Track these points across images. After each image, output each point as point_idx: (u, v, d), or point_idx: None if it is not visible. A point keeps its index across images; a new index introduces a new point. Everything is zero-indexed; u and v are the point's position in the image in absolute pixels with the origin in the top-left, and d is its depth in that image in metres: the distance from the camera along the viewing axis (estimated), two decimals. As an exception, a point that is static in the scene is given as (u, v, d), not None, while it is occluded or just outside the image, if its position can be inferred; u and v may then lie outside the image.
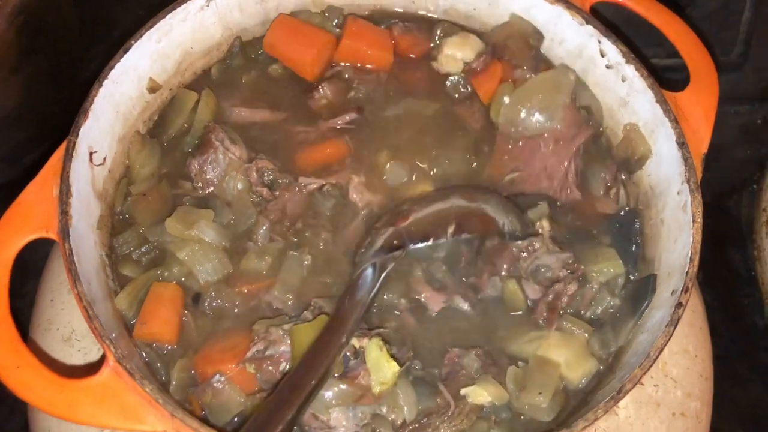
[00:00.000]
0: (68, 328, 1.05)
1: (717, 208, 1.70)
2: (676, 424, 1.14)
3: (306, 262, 0.99)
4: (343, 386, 0.89)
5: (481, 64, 1.13)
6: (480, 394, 0.92)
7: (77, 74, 1.15)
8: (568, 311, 1.01)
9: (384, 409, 0.91)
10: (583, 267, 1.01)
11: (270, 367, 0.91)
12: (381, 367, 0.89)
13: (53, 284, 1.10)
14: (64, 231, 0.89)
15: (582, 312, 1.01)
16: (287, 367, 0.92)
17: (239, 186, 1.05)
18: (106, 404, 0.81)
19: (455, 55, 1.15)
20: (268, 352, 0.92)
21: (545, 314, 0.99)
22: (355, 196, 1.06)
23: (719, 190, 1.73)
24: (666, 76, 1.29)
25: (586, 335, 0.99)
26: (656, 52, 1.39)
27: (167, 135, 1.11)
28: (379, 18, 1.22)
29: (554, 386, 0.94)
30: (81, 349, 1.03)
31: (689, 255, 0.90)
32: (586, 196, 1.08)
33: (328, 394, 0.89)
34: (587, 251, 1.02)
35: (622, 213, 1.06)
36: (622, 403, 1.12)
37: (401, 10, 1.22)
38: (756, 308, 1.55)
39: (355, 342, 0.92)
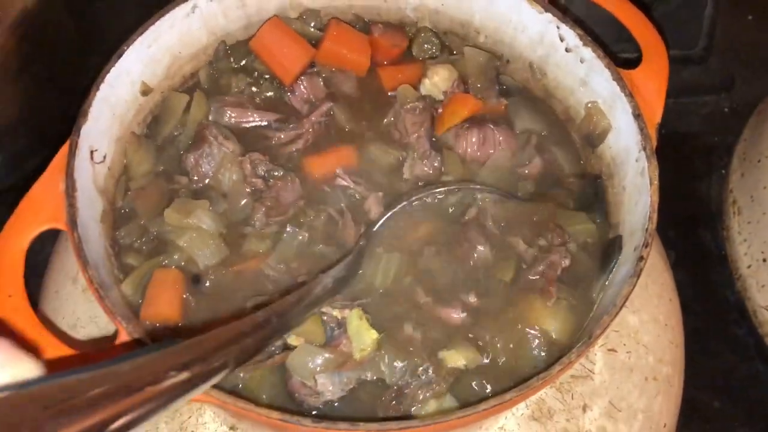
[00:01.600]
0: (73, 316, 1.12)
1: (688, 192, 1.79)
2: (648, 387, 1.21)
3: (301, 238, 1.06)
4: (327, 354, 0.96)
5: (450, 93, 1.21)
6: (456, 358, 0.98)
7: (75, 83, 1.22)
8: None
9: (368, 374, 0.97)
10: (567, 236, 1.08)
11: None
12: (361, 334, 0.96)
13: (58, 277, 1.17)
14: (72, 221, 0.96)
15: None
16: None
17: (234, 177, 1.11)
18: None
19: (439, 85, 1.22)
20: None
21: (540, 284, 1.04)
22: (371, 207, 1.11)
23: (690, 175, 1.82)
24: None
25: (572, 300, 1.05)
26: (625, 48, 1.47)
27: (162, 136, 1.18)
28: (355, 19, 1.30)
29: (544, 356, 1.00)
30: (85, 335, 1.10)
31: (648, 214, 0.97)
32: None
33: (314, 361, 0.95)
34: (560, 215, 1.10)
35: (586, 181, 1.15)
36: (596, 369, 1.20)
37: (375, 10, 1.30)
38: (727, 284, 1.64)
39: (337, 313, 0.98)
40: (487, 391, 0.98)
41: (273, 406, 0.85)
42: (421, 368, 0.97)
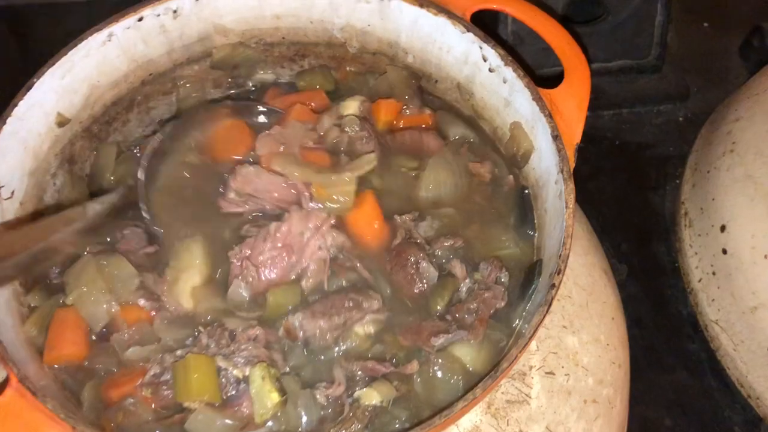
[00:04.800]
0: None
1: (642, 204, 1.77)
2: (587, 410, 1.18)
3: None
4: (225, 420, 0.91)
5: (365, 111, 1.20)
6: (371, 396, 0.95)
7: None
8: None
9: (280, 426, 0.94)
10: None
11: (166, 392, 0.94)
12: (263, 397, 0.92)
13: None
14: (-30, 264, 0.93)
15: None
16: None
17: None
18: (10, 423, 0.85)
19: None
20: (164, 377, 0.95)
21: (470, 321, 1.01)
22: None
23: (644, 186, 1.80)
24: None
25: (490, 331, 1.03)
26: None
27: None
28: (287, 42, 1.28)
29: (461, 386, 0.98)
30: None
31: (562, 239, 0.94)
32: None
33: (212, 426, 0.91)
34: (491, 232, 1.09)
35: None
36: (533, 393, 1.17)
37: (302, 32, 1.28)
38: (680, 298, 1.61)
39: (238, 372, 0.94)
40: (405, 424, 0.95)
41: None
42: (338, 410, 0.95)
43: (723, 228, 1.49)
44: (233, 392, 0.93)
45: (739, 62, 1.96)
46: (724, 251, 1.48)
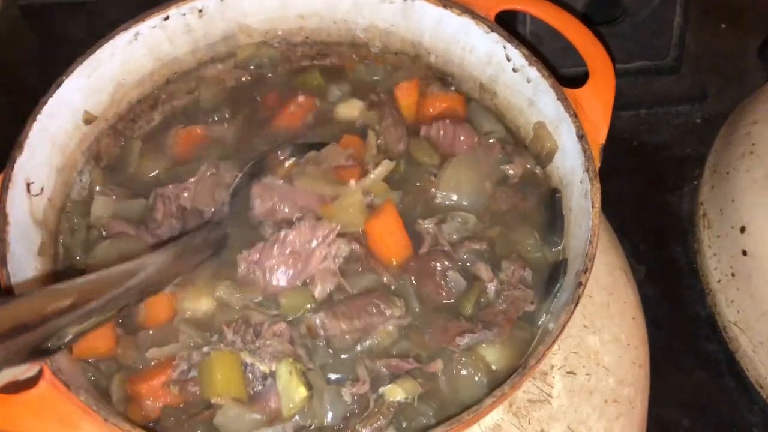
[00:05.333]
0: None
1: (660, 205, 1.76)
2: (608, 410, 1.18)
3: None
4: (254, 415, 0.92)
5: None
6: (396, 392, 0.95)
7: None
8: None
9: (306, 420, 0.94)
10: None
11: (193, 388, 0.95)
12: (290, 391, 0.92)
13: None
14: (2, 257, 0.95)
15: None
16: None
17: None
18: (45, 415, 0.86)
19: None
20: (191, 374, 0.96)
21: (499, 321, 1.02)
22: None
23: (662, 187, 1.79)
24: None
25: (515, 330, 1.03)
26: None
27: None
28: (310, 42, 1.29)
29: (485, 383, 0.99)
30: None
31: (589, 238, 0.94)
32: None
33: (241, 421, 0.92)
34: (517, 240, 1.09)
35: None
36: (554, 393, 1.17)
37: (326, 32, 1.29)
38: (698, 299, 1.61)
39: (264, 367, 0.94)
40: (431, 420, 0.96)
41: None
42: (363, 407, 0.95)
43: (743, 229, 1.49)
44: (259, 387, 0.94)
45: (757, 64, 1.95)
46: (744, 252, 1.48)
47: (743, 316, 1.49)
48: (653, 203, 1.76)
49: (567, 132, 1.06)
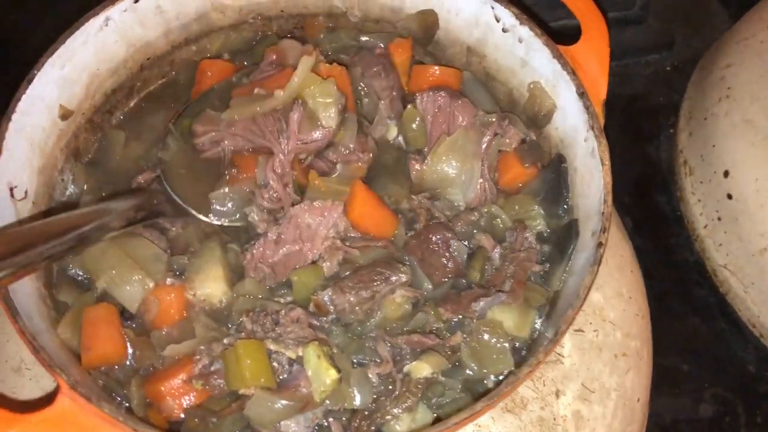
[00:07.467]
0: (17, 358, 1.05)
1: (639, 155, 1.78)
2: (618, 364, 1.19)
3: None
4: (285, 402, 0.89)
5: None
6: (422, 368, 0.94)
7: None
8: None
9: (336, 404, 0.93)
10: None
11: (218, 381, 0.92)
12: (320, 375, 0.90)
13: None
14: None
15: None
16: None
17: None
18: (66, 431, 0.82)
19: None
20: (213, 367, 0.93)
21: (507, 285, 1.01)
22: None
23: (638, 137, 1.80)
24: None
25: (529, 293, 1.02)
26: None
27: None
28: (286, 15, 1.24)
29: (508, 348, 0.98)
30: (32, 377, 1.04)
31: (602, 197, 0.93)
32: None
33: (272, 410, 0.89)
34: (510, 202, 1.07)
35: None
36: (565, 352, 1.17)
37: (302, 3, 1.24)
38: (685, 246, 1.63)
39: (290, 353, 0.92)
40: (460, 394, 0.95)
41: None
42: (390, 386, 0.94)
43: (726, 174, 1.50)
44: (286, 374, 0.92)
45: (719, 8, 1.97)
46: (729, 196, 1.50)
47: (732, 259, 1.52)
48: (632, 155, 1.77)
49: (566, 90, 1.04)
